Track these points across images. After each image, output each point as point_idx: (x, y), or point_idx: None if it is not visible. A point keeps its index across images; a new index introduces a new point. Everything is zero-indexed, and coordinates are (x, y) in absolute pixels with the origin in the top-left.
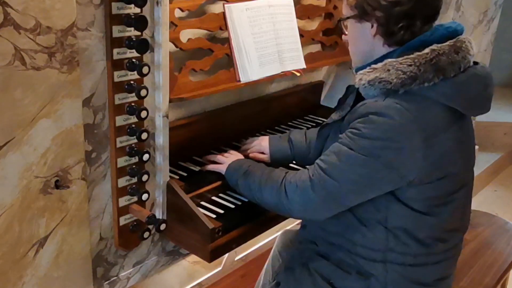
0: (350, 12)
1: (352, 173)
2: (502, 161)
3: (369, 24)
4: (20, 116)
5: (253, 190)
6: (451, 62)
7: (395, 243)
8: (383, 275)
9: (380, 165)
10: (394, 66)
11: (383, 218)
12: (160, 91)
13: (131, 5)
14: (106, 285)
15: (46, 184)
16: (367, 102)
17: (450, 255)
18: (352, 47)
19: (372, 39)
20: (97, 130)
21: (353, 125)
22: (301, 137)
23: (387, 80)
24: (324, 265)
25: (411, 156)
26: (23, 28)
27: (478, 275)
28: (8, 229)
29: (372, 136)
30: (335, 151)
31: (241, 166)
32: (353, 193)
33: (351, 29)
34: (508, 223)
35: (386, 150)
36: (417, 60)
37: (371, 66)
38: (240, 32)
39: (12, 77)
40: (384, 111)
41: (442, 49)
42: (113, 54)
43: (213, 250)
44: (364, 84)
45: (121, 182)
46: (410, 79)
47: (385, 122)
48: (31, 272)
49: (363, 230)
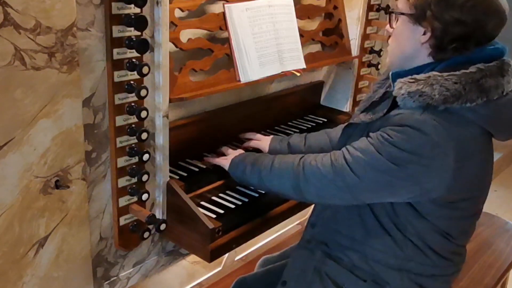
0: (407, 8)
1: (374, 175)
2: (502, 162)
3: (423, 30)
4: (20, 116)
5: (264, 176)
6: (496, 85)
7: (414, 253)
8: (399, 284)
9: (404, 176)
10: (439, 82)
11: (403, 226)
12: (160, 91)
13: (131, 5)
14: (106, 285)
15: (46, 184)
16: (403, 113)
17: (461, 266)
18: (394, 44)
19: (420, 46)
20: (97, 130)
21: (385, 130)
22: (300, 142)
23: (429, 95)
24: (337, 270)
25: (439, 175)
26: (23, 28)
27: (478, 275)
28: (8, 229)
29: (403, 147)
30: (363, 148)
31: (246, 156)
32: (370, 192)
33: (400, 26)
34: (508, 223)
35: (415, 164)
36: (463, 79)
37: (414, 76)
38: (240, 32)
39: (12, 77)
40: (421, 126)
41: (489, 70)
42: (113, 54)
43: (213, 250)
44: (404, 95)
45: (121, 182)
46: (453, 97)
47: (420, 137)
48: (31, 272)
49: (382, 236)
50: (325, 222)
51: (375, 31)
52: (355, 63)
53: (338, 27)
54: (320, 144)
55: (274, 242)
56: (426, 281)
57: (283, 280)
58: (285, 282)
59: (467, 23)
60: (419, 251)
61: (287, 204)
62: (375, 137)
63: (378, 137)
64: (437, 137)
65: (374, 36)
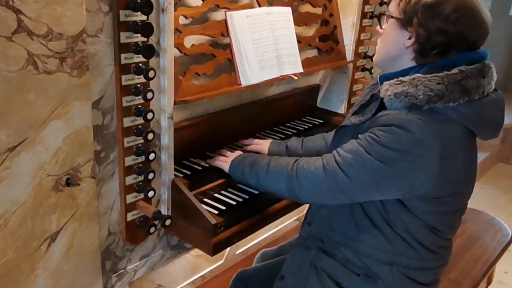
0: (397, 12)
1: (364, 175)
2: (489, 161)
3: (408, 34)
4: (33, 117)
5: (261, 177)
6: (477, 86)
7: (403, 247)
8: (390, 278)
9: (393, 173)
10: (423, 83)
11: (392, 222)
12: (165, 94)
13: (138, 13)
14: (114, 278)
15: (57, 182)
16: (390, 113)
17: (448, 259)
18: (382, 44)
19: (404, 49)
20: (106, 131)
21: (373, 130)
22: (298, 145)
23: (413, 95)
24: (332, 265)
25: (425, 171)
26: (36, 34)
27: (466, 268)
28: (21, 225)
29: (390, 146)
30: (352, 150)
31: (245, 158)
32: (361, 191)
33: (389, 29)
34: (494, 219)
35: (402, 162)
36: (446, 79)
37: (399, 79)
38: (241, 38)
39: (25, 80)
40: (406, 125)
41: (470, 72)
42: (121, 59)
43: (215, 244)
44: (390, 96)
45: (129, 180)
46: (436, 97)
47: (406, 135)
48: (43, 265)
49: (373, 232)
50: (320, 220)
51: (368, 37)
52: (350, 67)
53: (334, 34)
54: (317, 147)
55: (273, 237)
56: (415, 273)
57: (281, 274)
58: (283, 277)
59: (450, 33)
60: (408, 246)
61: (285, 201)
62: (364, 138)
63: (366, 138)
64: (422, 135)
65: (367, 42)
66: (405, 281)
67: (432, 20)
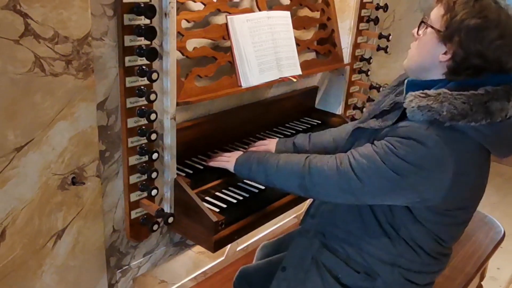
0: (438, 24)
1: (377, 181)
2: None
3: (445, 49)
4: (40, 118)
5: (270, 174)
6: (501, 109)
7: (406, 250)
8: (389, 277)
9: (405, 185)
10: (448, 99)
11: (397, 226)
12: (168, 96)
13: (141, 17)
14: (119, 273)
15: (63, 180)
16: (410, 125)
17: (447, 264)
18: (416, 51)
19: (438, 62)
20: (110, 131)
21: (390, 140)
22: (305, 141)
23: (437, 111)
24: (333, 261)
25: (437, 186)
26: (43, 37)
27: (460, 264)
28: (28, 222)
29: (406, 158)
30: (367, 156)
31: (251, 155)
32: (371, 196)
33: (426, 38)
34: (487, 217)
35: (415, 175)
36: (471, 100)
37: (424, 91)
38: (241, 42)
39: (32, 82)
40: (424, 140)
41: (496, 94)
42: (125, 61)
43: (217, 241)
44: (413, 108)
45: (132, 179)
46: (459, 116)
47: (423, 150)
48: (50, 261)
49: (377, 233)
50: (323, 214)
51: (365, 41)
52: (347, 70)
53: (331, 37)
54: (323, 143)
55: (272, 234)
56: (414, 276)
57: (283, 266)
58: (284, 268)
59: (488, 58)
60: (410, 250)
61: (285, 199)
62: (380, 146)
63: (383, 146)
64: (439, 151)
65: (364, 45)
66: (403, 281)
67: (474, 43)
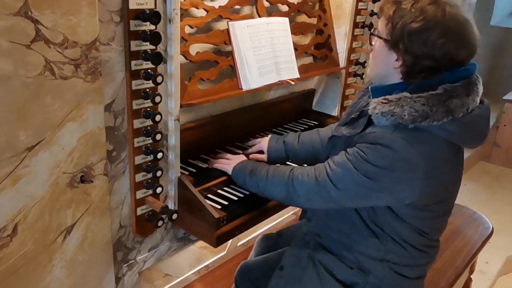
0: (384, 33)
1: (353, 188)
2: (471, 160)
3: (396, 56)
4: (50, 119)
5: (261, 186)
6: (462, 104)
7: (393, 246)
8: (381, 272)
9: (379, 188)
10: (408, 103)
11: (382, 225)
12: (172, 98)
13: (147, 23)
14: (125, 267)
15: (72, 179)
16: (376, 131)
17: (436, 256)
18: (373, 62)
19: (393, 69)
20: (117, 132)
21: (361, 147)
22: (294, 140)
23: (399, 115)
24: (328, 258)
25: (410, 185)
26: (53, 42)
27: (450, 258)
28: (39, 218)
29: (376, 163)
30: (342, 164)
31: (245, 166)
32: (351, 201)
33: (377, 48)
34: (476, 213)
35: (387, 178)
36: (430, 101)
37: (386, 97)
38: (242, 46)
39: (43, 85)
40: (391, 144)
41: (455, 91)
42: (131, 65)
43: (219, 236)
44: (377, 114)
45: (138, 177)
46: (421, 117)
47: (390, 153)
48: (60, 256)
49: (365, 233)
50: (318, 217)
51: (360, 45)
52: (343, 73)
53: (328, 42)
54: (312, 141)
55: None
56: (404, 269)
57: (281, 265)
58: (282, 267)
59: (437, 57)
60: (398, 245)
61: None
62: (352, 153)
63: (354, 153)
64: (406, 153)
65: (359, 50)
66: (395, 275)
67: (419, 46)
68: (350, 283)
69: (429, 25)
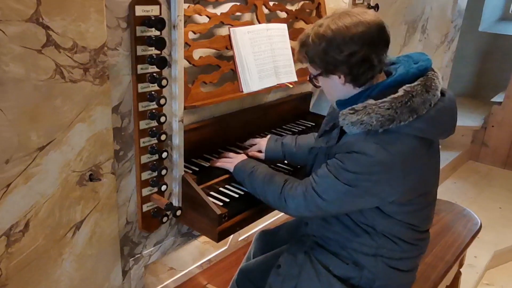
0: (316, 70)
1: (337, 196)
2: (460, 159)
3: (337, 76)
4: (60, 120)
5: (257, 192)
6: (423, 102)
7: (385, 242)
8: (374, 267)
9: (361, 192)
10: (374, 110)
11: (372, 224)
12: (176, 100)
13: (152, 29)
14: (132, 261)
15: (81, 177)
16: (350, 140)
17: (426, 248)
18: (329, 96)
19: (343, 87)
20: (124, 132)
21: (339, 157)
22: (291, 142)
23: (368, 122)
24: (324, 254)
25: (389, 185)
26: (63, 47)
27: (440, 253)
28: (50, 215)
29: (354, 170)
30: (324, 176)
31: (245, 168)
32: (338, 208)
33: (322, 83)
34: (465, 210)
35: (367, 182)
36: (394, 104)
37: (352, 107)
38: (243, 51)
39: (53, 88)
40: (365, 150)
41: (414, 90)
42: (137, 69)
43: (220, 232)
44: (348, 124)
45: (144, 175)
46: (388, 121)
47: (366, 159)
48: (69, 250)
49: (358, 231)
50: (315, 220)
51: None
52: None
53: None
54: (308, 145)
55: (271, 226)
56: (396, 263)
57: (278, 264)
58: (279, 266)
59: (355, 50)
60: (389, 241)
61: None
62: (332, 165)
63: (334, 165)
64: (380, 156)
65: None
66: (388, 269)
67: (337, 55)
68: (346, 278)
69: (330, 38)
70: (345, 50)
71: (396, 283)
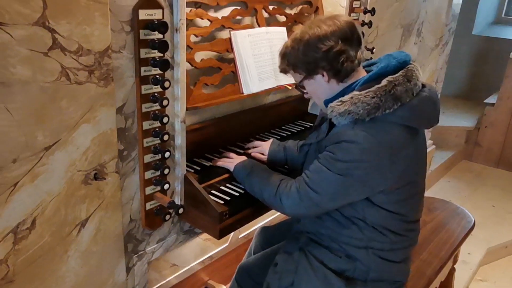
0: (299, 76)
1: (331, 188)
2: (454, 158)
3: (320, 74)
4: (66, 121)
5: (255, 191)
6: (406, 90)
7: (375, 234)
8: (366, 259)
9: (353, 181)
10: (360, 100)
11: (362, 217)
12: (178, 102)
13: (155, 32)
14: (135, 258)
15: (86, 176)
16: (339, 131)
17: (416, 239)
18: (316, 99)
19: (328, 84)
20: (128, 132)
21: (329, 148)
22: (294, 147)
23: (355, 112)
24: (318, 249)
25: (379, 172)
26: (68, 50)
27: (435, 250)
28: (56, 213)
29: (345, 159)
30: (316, 170)
31: (245, 167)
32: (332, 201)
33: (308, 87)
34: (459, 208)
35: (358, 170)
36: (378, 92)
37: (340, 99)
38: (243, 54)
39: (59, 90)
40: (353, 138)
41: (397, 80)
42: (141, 71)
43: (221, 229)
44: (336, 115)
45: (147, 174)
46: (374, 109)
47: (355, 147)
48: (75, 247)
49: (348, 225)
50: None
51: None
52: None
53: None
54: None
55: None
56: (387, 254)
57: (275, 262)
58: (276, 264)
59: (332, 46)
60: (378, 233)
61: None
62: (323, 157)
63: (325, 156)
64: (369, 144)
65: None
66: (379, 260)
67: (315, 53)
68: (340, 271)
69: (306, 40)
70: (322, 47)
71: (390, 274)
